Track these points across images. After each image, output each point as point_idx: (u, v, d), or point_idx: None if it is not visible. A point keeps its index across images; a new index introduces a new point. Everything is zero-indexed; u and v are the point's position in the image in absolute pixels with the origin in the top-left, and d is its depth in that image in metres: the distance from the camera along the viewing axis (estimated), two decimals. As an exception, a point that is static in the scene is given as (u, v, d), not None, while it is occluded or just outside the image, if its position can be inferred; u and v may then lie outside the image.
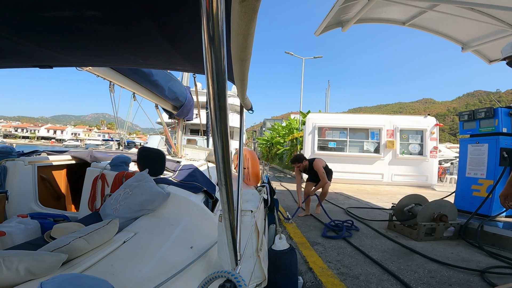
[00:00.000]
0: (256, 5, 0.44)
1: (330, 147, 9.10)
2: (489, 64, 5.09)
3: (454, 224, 3.23)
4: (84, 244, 1.03)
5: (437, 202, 3.29)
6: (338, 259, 2.55)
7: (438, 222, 3.15)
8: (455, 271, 2.28)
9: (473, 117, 3.83)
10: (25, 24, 0.96)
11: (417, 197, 3.62)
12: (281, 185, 8.16)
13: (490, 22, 4.06)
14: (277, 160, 16.31)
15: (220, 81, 0.45)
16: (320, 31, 4.48)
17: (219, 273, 0.69)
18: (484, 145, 3.59)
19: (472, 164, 3.76)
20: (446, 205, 3.28)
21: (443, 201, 3.36)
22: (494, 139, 3.49)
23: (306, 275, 2.25)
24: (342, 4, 3.75)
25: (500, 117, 3.47)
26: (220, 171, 0.59)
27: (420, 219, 3.17)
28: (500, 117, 3.47)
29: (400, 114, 14.89)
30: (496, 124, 3.51)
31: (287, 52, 17.86)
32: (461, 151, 4.01)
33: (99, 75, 2.12)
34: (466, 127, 4.01)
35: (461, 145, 4.02)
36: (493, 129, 3.56)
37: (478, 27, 4.33)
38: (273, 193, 3.42)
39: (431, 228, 3.18)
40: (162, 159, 2.04)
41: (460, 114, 4.11)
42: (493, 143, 3.49)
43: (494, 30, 4.24)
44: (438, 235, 3.17)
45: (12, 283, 0.79)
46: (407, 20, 4.68)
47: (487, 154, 3.54)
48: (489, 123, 3.63)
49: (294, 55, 17.65)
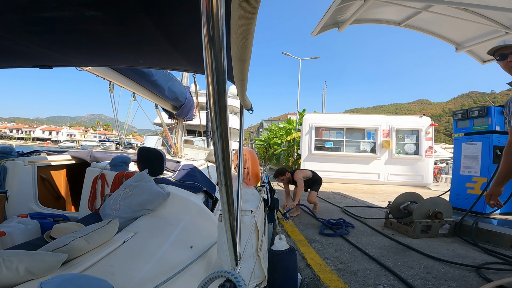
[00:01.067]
0: (256, 5, 0.44)
1: (327, 147, 9.15)
2: (483, 64, 5.16)
3: (449, 221, 3.27)
4: (84, 244, 1.03)
5: (432, 200, 3.32)
6: (336, 255, 2.59)
7: (433, 220, 3.18)
8: (451, 267, 2.31)
9: (467, 116, 3.90)
10: (25, 24, 0.96)
11: (412, 195, 3.65)
12: (278, 185, 8.21)
13: (484, 22, 4.10)
14: (274, 161, 16.38)
15: (220, 81, 0.45)
16: (317, 31, 4.53)
17: (219, 273, 0.69)
18: (478, 143, 3.66)
19: (466, 162, 3.82)
20: (441, 203, 3.31)
21: (438, 198, 3.39)
22: (488, 137, 3.54)
23: (304, 272, 2.28)
24: (339, 5, 3.78)
25: (493, 115, 3.53)
26: (220, 171, 0.59)
27: (415, 217, 3.21)
28: (493, 115, 3.53)
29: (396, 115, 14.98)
30: (490, 122, 3.57)
31: (284, 53, 17.88)
32: (456, 149, 4.07)
33: (99, 75, 2.12)
34: (460, 125, 4.07)
35: (455, 144, 4.09)
36: (486, 127, 3.62)
37: (472, 28, 4.38)
38: (273, 192, 3.43)
39: (427, 225, 3.22)
40: (162, 159, 2.04)
41: (454, 113, 4.17)
42: (486, 141, 3.55)
43: (488, 30, 4.29)
44: (433, 232, 3.21)
45: (12, 283, 0.79)
46: (402, 21, 4.75)
47: (481, 152, 3.60)
48: (482, 122, 3.70)
49: (291, 56, 17.66)
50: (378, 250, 2.74)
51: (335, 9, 3.85)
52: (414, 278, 2.11)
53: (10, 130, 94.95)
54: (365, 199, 6.01)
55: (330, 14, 3.98)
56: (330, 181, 8.93)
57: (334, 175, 8.97)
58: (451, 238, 3.16)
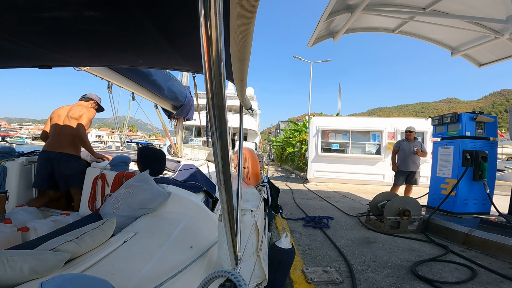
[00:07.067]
0: (254, 4, 0.43)
1: (333, 149, 9.34)
2: (479, 68, 5.26)
3: (417, 219, 3.57)
4: (73, 248, 0.99)
5: (402, 198, 3.69)
6: (308, 244, 2.99)
7: (402, 217, 3.52)
8: (396, 258, 2.64)
9: (442, 122, 4.21)
10: (23, 25, 0.95)
11: (390, 194, 4.05)
12: (286, 185, 8.69)
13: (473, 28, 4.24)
14: (289, 162, 16.38)
15: (219, 80, 0.45)
16: (312, 42, 4.63)
17: (219, 272, 0.69)
18: (450, 147, 3.97)
19: (441, 164, 4.15)
20: (411, 201, 3.66)
21: (407, 197, 3.84)
22: (458, 142, 3.85)
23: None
24: (326, 19, 3.94)
25: (464, 121, 3.85)
26: (220, 171, 0.59)
27: (386, 214, 3.55)
28: (463, 121, 3.85)
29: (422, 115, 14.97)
30: (460, 128, 3.89)
31: (296, 57, 17.87)
32: (434, 153, 4.36)
33: (97, 75, 2.12)
34: (438, 130, 4.39)
35: (434, 147, 4.39)
36: (457, 132, 3.93)
37: (465, 32, 4.47)
38: (278, 191, 3.46)
39: (396, 222, 3.55)
40: (162, 159, 2.03)
41: (432, 119, 4.48)
42: (457, 145, 3.86)
43: (481, 34, 4.38)
44: (403, 228, 3.54)
45: (16, 282, 0.80)
46: (396, 28, 4.87)
47: (453, 155, 3.91)
48: (454, 127, 4.01)
49: (302, 60, 17.65)
50: (346, 241, 3.11)
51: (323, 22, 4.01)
52: (360, 264, 2.47)
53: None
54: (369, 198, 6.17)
55: (320, 27, 4.14)
56: (336, 181, 9.21)
57: (340, 176, 9.20)
58: (417, 234, 3.48)
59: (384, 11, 4.14)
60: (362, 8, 3.76)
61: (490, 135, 3.94)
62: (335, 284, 2.08)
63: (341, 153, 9.21)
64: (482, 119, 3.86)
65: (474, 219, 3.51)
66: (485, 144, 3.83)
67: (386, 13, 4.17)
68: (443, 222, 3.45)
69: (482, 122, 3.89)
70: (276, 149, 22.06)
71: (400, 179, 5.09)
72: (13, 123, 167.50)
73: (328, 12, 3.71)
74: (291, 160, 15.98)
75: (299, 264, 2.40)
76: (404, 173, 5.05)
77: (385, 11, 4.14)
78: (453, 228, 3.26)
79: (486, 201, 3.71)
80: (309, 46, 4.68)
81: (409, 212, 3.52)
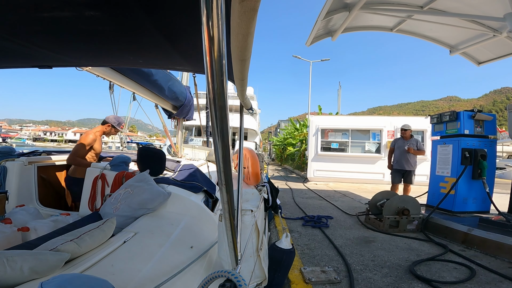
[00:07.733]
0: (256, 4, 0.43)
1: (333, 148, 9.34)
2: (478, 66, 5.25)
3: (416, 218, 3.55)
4: (73, 248, 0.99)
5: (400, 198, 3.66)
6: (307, 243, 2.97)
7: (401, 216, 3.49)
8: (394, 257, 2.62)
9: (440, 120, 4.18)
10: (24, 25, 0.95)
11: (388, 193, 4.02)
12: (286, 184, 8.70)
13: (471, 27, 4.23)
14: (290, 161, 16.37)
15: (220, 81, 0.45)
16: (310, 41, 4.61)
17: (219, 272, 0.69)
18: (449, 145, 3.94)
19: (440, 163, 4.12)
20: (410, 200, 3.63)
21: (406, 196, 3.77)
22: (457, 140, 3.82)
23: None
24: (324, 18, 3.92)
25: (462, 120, 3.82)
26: (220, 171, 0.59)
27: (385, 213, 3.53)
28: (462, 120, 3.82)
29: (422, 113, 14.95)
30: (459, 126, 3.85)
31: (295, 56, 17.82)
32: (433, 151, 4.32)
33: (98, 75, 2.11)
34: (436, 129, 4.34)
35: (433, 146, 4.34)
36: (456, 131, 3.89)
37: (463, 30, 4.46)
38: (277, 192, 3.46)
39: (395, 221, 3.52)
40: (162, 159, 2.03)
41: (431, 117, 4.42)
42: (456, 144, 3.83)
43: (480, 33, 4.38)
44: (402, 227, 3.51)
45: (16, 282, 0.79)
46: (394, 26, 4.85)
47: (452, 154, 3.88)
48: (453, 126, 3.97)
49: (302, 59, 17.60)
50: (345, 241, 3.08)
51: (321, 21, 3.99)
52: (358, 264, 2.46)
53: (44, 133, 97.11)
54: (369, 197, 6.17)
55: (318, 26, 4.12)
56: (336, 180, 9.21)
57: (340, 175, 9.21)
58: (416, 233, 3.45)
59: (381, 9, 4.12)
60: (359, 6, 3.74)
61: (489, 133, 3.92)
62: (333, 284, 2.08)
63: (341, 152, 9.22)
64: (481, 117, 3.85)
65: (474, 218, 3.51)
66: (484, 142, 3.82)
67: (383, 11, 4.16)
68: (442, 221, 3.44)
69: (481, 120, 3.88)
70: (277, 148, 22.06)
71: (396, 177, 5.08)
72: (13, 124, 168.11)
73: (325, 11, 3.70)
74: (291, 160, 15.99)
75: (297, 263, 2.40)
76: (399, 171, 5.04)
77: (382, 9, 4.12)
78: (453, 227, 3.25)
79: (486, 200, 3.70)
80: (307, 45, 4.67)
81: (408, 211, 3.51)
